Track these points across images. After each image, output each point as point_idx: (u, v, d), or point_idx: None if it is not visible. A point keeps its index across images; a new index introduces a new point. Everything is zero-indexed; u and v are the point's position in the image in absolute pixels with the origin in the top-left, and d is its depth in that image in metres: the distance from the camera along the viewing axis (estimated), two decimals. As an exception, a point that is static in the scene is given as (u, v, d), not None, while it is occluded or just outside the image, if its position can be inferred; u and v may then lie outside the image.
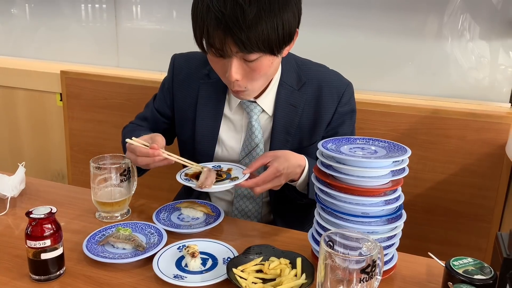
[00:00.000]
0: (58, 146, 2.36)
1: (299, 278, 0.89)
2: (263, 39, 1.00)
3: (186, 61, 1.31)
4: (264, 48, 1.02)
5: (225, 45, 1.00)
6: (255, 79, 1.09)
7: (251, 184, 1.07)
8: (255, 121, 1.24)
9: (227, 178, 1.11)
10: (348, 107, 1.26)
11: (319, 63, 1.31)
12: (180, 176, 1.13)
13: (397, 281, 0.94)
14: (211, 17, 0.98)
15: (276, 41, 1.02)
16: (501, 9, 1.66)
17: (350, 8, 1.83)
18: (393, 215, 0.92)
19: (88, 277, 0.92)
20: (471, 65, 1.75)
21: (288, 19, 1.03)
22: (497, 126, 1.57)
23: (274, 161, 1.08)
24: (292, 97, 1.23)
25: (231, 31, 0.98)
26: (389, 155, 0.90)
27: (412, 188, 1.70)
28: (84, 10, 2.36)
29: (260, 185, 1.08)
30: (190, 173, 1.14)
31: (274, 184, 1.09)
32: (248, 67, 1.06)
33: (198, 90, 1.27)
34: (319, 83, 1.24)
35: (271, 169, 1.07)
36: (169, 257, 0.97)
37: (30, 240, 0.88)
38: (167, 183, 2.05)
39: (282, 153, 1.11)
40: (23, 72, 2.31)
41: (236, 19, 0.96)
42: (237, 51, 1.01)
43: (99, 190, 1.15)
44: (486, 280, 0.82)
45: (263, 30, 0.99)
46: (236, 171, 1.15)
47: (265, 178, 1.07)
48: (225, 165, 1.19)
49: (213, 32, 1.00)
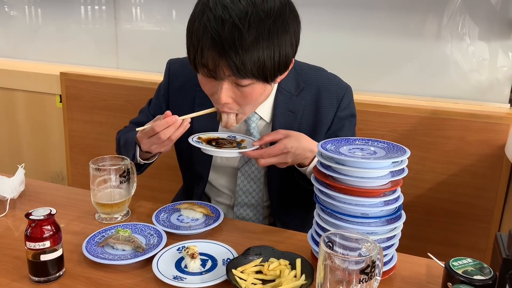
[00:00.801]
0: (57, 148, 2.36)
1: (299, 279, 0.89)
2: (258, 66, 0.97)
3: (182, 67, 1.29)
4: (258, 75, 0.99)
5: (218, 67, 0.97)
6: (245, 104, 1.07)
7: (255, 155, 1.07)
8: (253, 129, 1.22)
9: (236, 147, 1.12)
10: (347, 111, 1.25)
11: (318, 66, 1.29)
12: (192, 139, 1.13)
13: (396, 281, 0.94)
14: (207, 37, 0.95)
15: (271, 69, 1.00)
16: (500, 10, 1.66)
17: (350, 9, 1.83)
18: (393, 215, 0.92)
19: (87, 279, 0.92)
20: (470, 66, 1.75)
21: (286, 48, 1.00)
22: (496, 127, 1.57)
23: (285, 138, 1.08)
24: (290, 103, 1.22)
25: (226, 54, 0.95)
26: (388, 156, 0.91)
27: (411, 188, 1.70)
28: (83, 12, 2.36)
29: (264, 158, 1.07)
30: (204, 138, 1.15)
31: (279, 161, 1.08)
32: (239, 92, 1.03)
33: (194, 97, 1.25)
34: (317, 88, 1.23)
35: (278, 145, 1.07)
36: (169, 258, 0.97)
37: (30, 242, 0.88)
38: (166, 185, 2.05)
39: (295, 134, 1.10)
40: (23, 74, 2.31)
41: (233, 43, 0.93)
42: (229, 74, 0.99)
43: (99, 191, 1.15)
44: (485, 281, 0.82)
45: (259, 57, 0.96)
46: (247, 142, 1.16)
47: (270, 151, 1.07)
48: (239, 136, 1.20)
49: (208, 52, 0.97)
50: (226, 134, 1.21)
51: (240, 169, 1.26)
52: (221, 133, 1.21)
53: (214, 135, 1.19)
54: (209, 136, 1.17)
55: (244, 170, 1.25)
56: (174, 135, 1.08)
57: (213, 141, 1.15)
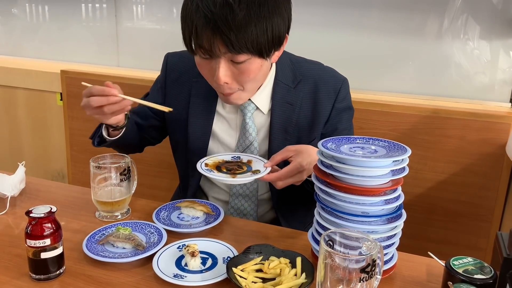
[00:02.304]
0: (58, 146, 2.36)
1: (299, 278, 0.89)
2: (252, 40, 1.00)
3: (179, 60, 1.31)
4: (253, 50, 1.01)
5: (213, 45, 1.00)
6: (244, 82, 1.09)
7: (273, 178, 1.07)
8: (249, 119, 1.23)
9: (248, 171, 1.10)
10: (345, 103, 1.27)
11: (314, 60, 1.30)
12: (201, 166, 1.11)
13: (397, 280, 0.94)
14: (200, 16, 0.99)
15: (265, 44, 1.02)
16: (501, 9, 1.66)
17: (351, 8, 1.83)
18: (393, 214, 0.92)
19: (88, 277, 0.92)
20: (471, 65, 1.75)
21: (278, 23, 1.03)
22: (497, 126, 1.57)
23: (297, 156, 1.08)
24: (288, 95, 1.23)
25: (219, 30, 0.98)
26: (389, 155, 0.90)
27: (412, 187, 1.70)
28: (84, 10, 2.36)
29: (282, 180, 1.07)
30: (210, 163, 1.13)
31: (296, 179, 1.08)
32: (237, 70, 1.06)
33: (190, 88, 1.27)
34: (315, 80, 1.24)
35: (294, 164, 1.06)
36: (169, 257, 0.97)
37: (30, 239, 0.88)
38: (167, 183, 2.05)
39: (305, 148, 1.10)
40: (23, 72, 2.31)
41: (225, 19, 0.96)
42: (225, 51, 1.01)
43: (99, 189, 1.15)
44: (486, 280, 0.82)
45: (252, 32, 0.99)
46: (256, 163, 1.14)
47: (288, 172, 1.06)
48: (244, 156, 1.18)
49: (202, 31, 0.99)
50: (229, 155, 1.18)
51: None
52: (224, 155, 1.19)
53: (218, 158, 1.16)
54: (215, 161, 1.15)
55: None
56: (107, 108, 1.06)
57: (222, 166, 1.12)
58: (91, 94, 1.07)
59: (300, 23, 1.87)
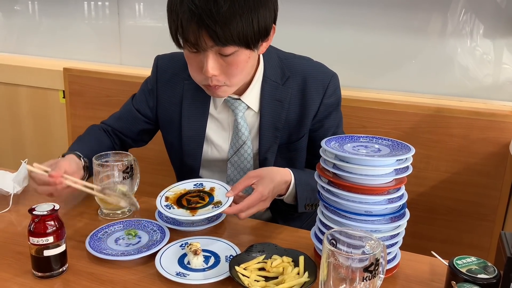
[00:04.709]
0: (60, 143, 2.36)
1: (302, 277, 0.88)
2: (237, 33, 0.99)
3: (170, 62, 1.30)
4: (240, 41, 1.01)
5: (199, 38, 1.00)
6: (233, 74, 1.08)
7: (235, 211, 1.03)
8: (241, 118, 1.23)
9: (210, 203, 1.06)
10: (334, 98, 1.25)
11: (303, 55, 1.29)
12: (160, 202, 1.06)
13: (400, 280, 0.94)
14: (184, 10, 0.98)
15: (252, 36, 1.02)
16: (505, 8, 1.65)
17: (354, 7, 1.82)
18: (397, 213, 0.92)
19: (90, 274, 0.92)
20: (475, 63, 1.74)
21: (264, 14, 1.03)
22: (501, 125, 1.57)
23: (259, 183, 1.06)
24: (277, 92, 1.22)
25: (204, 23, 0.97)
26: (392, 154, 0.90)
27: (415, 186, 1.70)
28: (87, 8, 2.36)
29: (244, 211, 1.04)
30: (171, 196, 1.09)
31: (260, 208, 1.06)
32: (225, 62, 1.05)
33: (182, 90, 1.26)
34: (303, 76, 1.23)
35: (255, 194, 1.04)
36: (172, 255, 0.97)
37: (33, 237, 0.88)
38: (169, 181, 2.05)
39: (267, 173, 1.08)
40: (26, 69, 2.31)
41: (210, 11, 0.96)
42: (212, 45, 1.01)
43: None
44: (489, 280, 0.81)
45: (237, 24, 0.98)
46: (219, 191, 1.09)
47: (249, 203, 1.03)
48: (207, 183, 1.13)
49: (187, 25, 0.99)
50: (191, 182, 1.12)
51: (229, 160, 1.26)
52: (186, 183, 1.13)
53: (179, 188, 1.11)
54: (176, 193, 1.10)
55: (233, 161, 1.26)
56: (55, 194, 1.08)
57: (183, 198, 1.08)
58: (36, 182, 1.08)
59: (302, 21, 1.88)
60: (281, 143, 1.25)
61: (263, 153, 1.24)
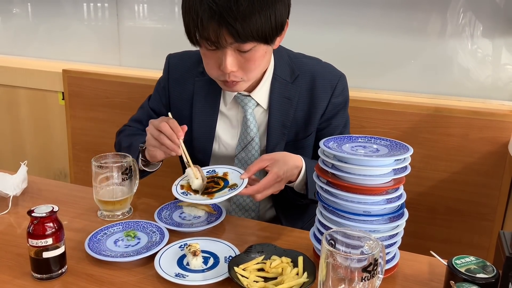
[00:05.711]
0: (60, 145, 2.36)
1: (301, 277, 0.88)
2: (257, 29, 1.01)
3: (181, 60, 1.32)
4: (259, 37, 1.03)
5: (220, 36, 1.01)
6: (250, 69, 1.10)
7: (251, 192, 1.05)
8: (250, 115, 1.24)
9: (225, 186, 1.07)
10: (341, 98, 1.27)
11: (312, 56, 1.31)
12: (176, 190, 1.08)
13: (399, 279, 0.94)
14: (204, 8, 0.99)
15: (270, 31, 1.04)
16: (504, 7, 1.65)
17: (353, 7, 1.82)
18: (395, 213, 0.92)
19: (90, 276, 0.92)
20: (474, 63, 1.74)
21: (280, 9, 1.05)
22: (500, 125, 1.57)
23: (273, 165, 1.07)
24: (286, 90, 1.24)
25: (225, 21, 0.99)
26: (391, 154, 0.90)
27: (414, 186, 1.70)
28: (86, 9, 2.36)
29: (261, 192, 1.06)
30: (186, 185, 1.10)
31: (275, 189, 1.08)
32: (243, 58, 1.07)
33: (193, 87, 1.28)
34: (312, 76, 1.25)
35: (271, 175, 1.06)
36: (171, 256, 0.97)
37: (32, 239, 0.88)
38: (169, 182, 2.05)
39: (281, 156, 1.10)
40: (25, 71, 2.32)
41: (230, 9, 0.98)
42: (232, 41, 1.02)
43: (101, 188, 1.15)
44: (488, 279, 0.81)
45: (256, 20, 1.00)
46: (233, 175, 1.11)
47: (265, 184, 1.06)
48: (220, 169, 1.14)
49: (208, 23, 1.00)
50: (204, 170, 1.13)
51: (237, 156, 1.27)
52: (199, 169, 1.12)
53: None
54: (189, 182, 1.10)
55: (240, 157, 1.27)
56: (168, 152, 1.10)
57: None
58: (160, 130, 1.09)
59: (302, 22, 1.88)
60: (288, 140, 1.26)
61: (270, 150, 1.25)
